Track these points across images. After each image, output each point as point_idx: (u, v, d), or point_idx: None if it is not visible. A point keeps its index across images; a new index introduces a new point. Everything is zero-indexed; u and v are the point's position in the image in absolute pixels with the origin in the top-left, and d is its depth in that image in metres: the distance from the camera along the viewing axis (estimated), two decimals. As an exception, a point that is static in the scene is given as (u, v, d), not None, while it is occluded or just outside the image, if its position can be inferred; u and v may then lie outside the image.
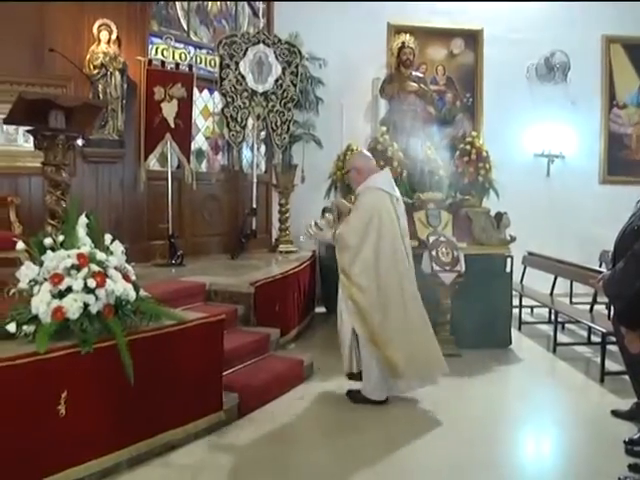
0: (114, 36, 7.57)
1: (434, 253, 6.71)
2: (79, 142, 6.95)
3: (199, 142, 9.30)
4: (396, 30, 9.83)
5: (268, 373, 5.65)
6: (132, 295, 4.10)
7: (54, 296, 3.81)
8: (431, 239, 6.84)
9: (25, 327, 3.79)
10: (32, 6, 7.14)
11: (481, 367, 6.50)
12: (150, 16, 8.43)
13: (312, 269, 8.57)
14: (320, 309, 8.78)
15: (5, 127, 6.88)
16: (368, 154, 5.87)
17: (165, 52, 8.19)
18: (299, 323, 7.56)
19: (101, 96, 7.39)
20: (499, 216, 7.47)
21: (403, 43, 8.87)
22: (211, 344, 4.71)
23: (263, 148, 9.95)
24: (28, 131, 4.66)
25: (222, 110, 8.77)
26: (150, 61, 8.07)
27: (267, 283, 6.81)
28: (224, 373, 4.93)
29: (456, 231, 7.17)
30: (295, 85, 8.97)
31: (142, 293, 4.32)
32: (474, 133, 8.18)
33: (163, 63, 8.18)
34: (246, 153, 9.66)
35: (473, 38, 10.68)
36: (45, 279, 3.88)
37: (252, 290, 6.50)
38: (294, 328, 7.30)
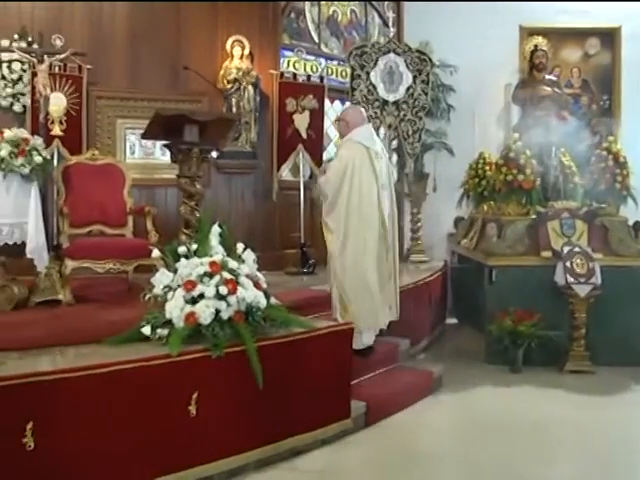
0: (247, 51, 7.83)
1: (568, 264, 6.44)
2: (214, 154, 7.22)
3: (331, 152, 9.38)
4: (528, 33, 9.48)
5: (396, 383, 5.61)
6: (263, 302, 4.19)
7: (187, 302, 3.95)
8: (565, 249, 6.57)
9: (159, 330, 3.96)
10: (170, 27, 7.59)
11: (618, 386, 6.08)
12: (281, 30, 8.63)
13: (443, 279, 8.45)
14: (451, 320, 8.65)
15: (144, 141, 7.27)
16: (362, 110, 6.01)
17: (297, 64, 8.39)
18: (429, 334, 7.47)
19: (234, 109, 7.65)
20: (638, 225, 7.08)
21: (535, 46, 8.52)
22: (339, 352, 4.71)
23: (395, 157, 9.92)
24: (164, 145, 4.89)
25: (354, 120, 8.82)
26: (282, 74, 8.26)
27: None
28: (352, 381, 4.92)
29: (592, 241, 6.80)
30: (426, 93, 8.87)
31: (273, 300, 4.40)
32: (611, 137, 7.78)
33: (295, 75, 8.36)
34: (378, 163, 9.66)
35: (610, 37, 10.12)
36: (179, 285, 4.04)
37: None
38: (424, 339, 7.22)
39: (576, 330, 6.48)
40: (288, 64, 8.48)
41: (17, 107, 7.11)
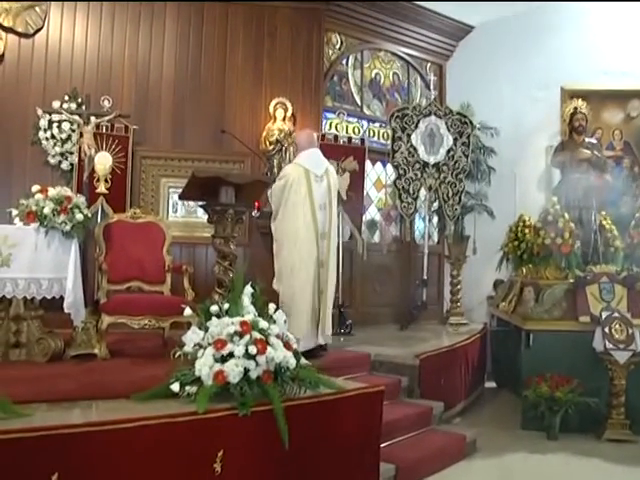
0: (289, 113, 8.03)
1: (607, 330, 6.31)
2: (254, 213, 7.34)
3: (372, 213, 9.50)
4: (570, 95, 9.44)
5: (428, 447, 5.52)
6: (292, 363, 4.17)
7: (217, 360, 3.96)
8: (604, 315, 6.44)
9: (188, 387, 3.97)
10: (215, 89, 7.96)
11: (660, 456, 5.91)
12: (324, 92, 8.84)
13: (482, 342, 8.35)
14: (490, 384, 8.51)
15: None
16: (313, 135, 6.57)
17: (339, 126, 8.51)
18: (466, 397, 7.35)
19: (276, 170, 7.77)
20: (679, 291, 6.92)
21: (575, 109, 8.53)
22: (370, 414, 4.66)
23: (435, 219, 9.96)
24: (200, 206, 5.01)
25: (394, 182, 8.87)
26: (324, 136, 8.43)
27: (433, 355, 6.71)
28: (383, 444, 4.86)
29: (631, 306, 6.65)
30: (467, 156, 8.94)
31: (303, 361, 4.40)
32: (654, 200, 7.73)
33: (336, 137, 8.49)
34: (418, 224, 9.72)
35: (652, 97, 10.06)
36: (209, 344, 4.06)
37: (417, 362, 6.43)
38: (460, 402, 7.11)
39: (615, 397, 6.31)
40: (330, 126, 8.66)
41: (65, 165, 7.40)
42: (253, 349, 3.97)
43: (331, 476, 4.39)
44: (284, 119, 8.02)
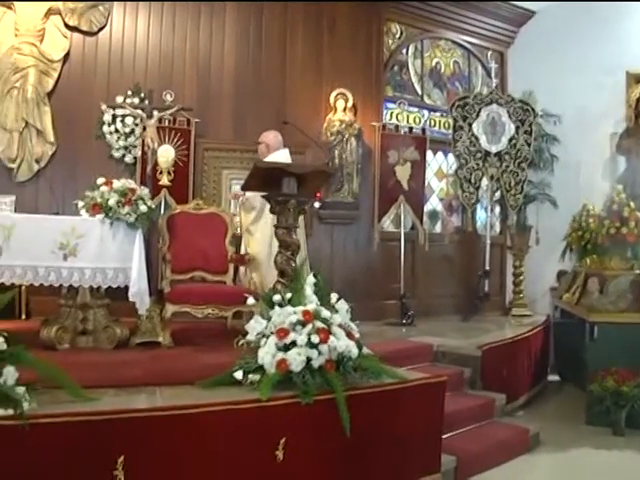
0: (350, 104, 8.03)
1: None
2: (316, 204, 7.37)
3: (433, 203, 9.44)
4: (635, 79, 9.15)
5: (489, 439, 5.47)
6: (354, 352, 4.19)
7: (279, 349, 4.02)
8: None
9: (251, 375, 4.04)
10: (275, 81, 8.03)
11: None
12: (385, 82, 8.82)
13: (546, 334, 8.20)
14: (553, 377, 8.37)
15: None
16: (279, 135, 6.64)
17: (399, 116, 8.49)
18: (529, 390, 7.24)
19: (337, 161, 7.81)
20: None
21: (641, 93, 8.32)
22: (431, 405, 4.66)
23: (497, 209, 9.83)
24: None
25: (456, 171, 8.84)
26: (384, 126, 8.42)
27: (496, 347, 6.65)
28: (444, 435, 4.83)
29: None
30: (529, 144, 8.79)
31: (365, 350, 4.40)
32: None
33: (397, 127, 8.47)
34: (480, 214, 9.61)
35: None
36: (272, 333, 4.12)
37: (479, 353, 6.37)
38: (523, 395, 7.00)
39: None
40: (391, 116, 8.64)
41: (128, 158, 7.53)
42: (316, 338, 4.01)
43: (392, 466, 4.40)
44: (345, 110, 8.04)
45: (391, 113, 8.78)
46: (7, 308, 3.66)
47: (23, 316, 6.78)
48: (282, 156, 6.34)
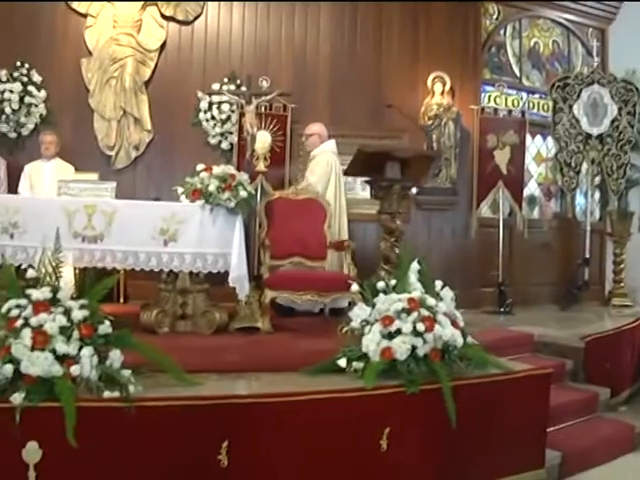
0: (447, 87, 7.91)
1: None
2: (413, 190, 7.27)
3: (531, 189, 9.19)
4: None
5: (594, 435, 5.24)
6: (459, 341, 4.09)
7: (384, 337, 3.95)
8: None
9: (355, 363, 3.99)
10: (371, 65, 7.97)
11: None
12: (482, 64, 8.62)
13: (650, 326, 7.86)
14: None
15: (344, 177, 7.42)
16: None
17: (497, 99, 8.29)
18: (631, 385, 6.94)
19: (435, 146, 7.72)
20: None
21: None
22: (536, 398, 4.49)
23: (597, 194, 9.48)
24: (366, 181, 4.97)
25: (555, 155, 8.60)
26: (483, 109, 8.26)
27: (598, 338, 6.37)
28: (548, 430, 4.63)
29: None
30: (632, 126, 8.40)
31: (469, 340, 4.30)
32: None
33: (496, 110, 8.31)
34: (580, 199, 9.29)
35: None
36: (376, 320, 4.05)
37: (582, 345, 6.13)
38: (626, 390, 6.66)
39: None
40: (489, 99, 8.45)
41: (225, 145, 7.61)
42: (421, 326, 3.92)
43: (496, 459, 4.28)
44: (442, 93, 7.90)
45: (489, 96, 8.57)
46: (107, 292, 3.70)
47: (121, 300, 6.97)
48: (332, 145, 6.74)
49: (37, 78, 7.54)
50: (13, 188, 6.97)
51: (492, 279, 8.05)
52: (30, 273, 3.58)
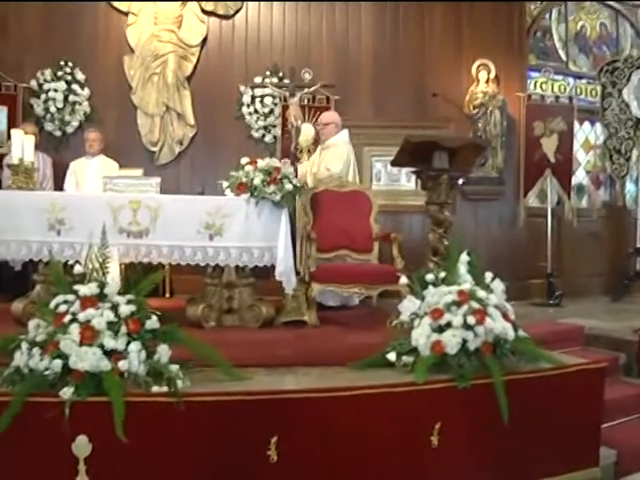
0: (492, 75, 7.81)
1: None
2: (459, 181, 7.16)
3: (579, 177, 9.02)
4: None
5: (651, 433, 5.07)
6: (511, 334, 4.00)
7: (434, 330, 3.88)
8: None
9: (404, 357, 3.92)
10: (415, 54, 7.91)
11: None
12: (528, 50, 8.48)
13: None
14: None
15: (389, 168, 7.39)
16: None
17: (544, 85, 8.16)
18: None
19: (481, 134, 7.59)
20: None
21: None
22: (590, 393, 4.34)
23: (646, 183, 9.26)
24: (413, 172, 4.90)
25: (604, 142, 8.44)
26: (529, 96, 8.12)
27: (652, 331, 6.22)
28: (602, 425, 4.49)
29: None
30: (685, 109, 8.20)
31: (521, 333, 4.20)
32: None
33: (542, 97, 8.18)
34: (630, 187, 9.08)
35: None
36: (426, 313, 3.98)
37: (636, 338, 5.92)
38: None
39: None
40: (535, 85, 8.30)
41: (268, 138, 7.60)
42: (472, 319, 3.84)
43: (549, 457, 4.16)
44: (487, 81, 7.79)
45: (535, 82, 8.42)
46: (152, 287, 3.70)
47: (167, 294, 7.01)
48: (346, 135, 6.57)
49: (80, 76, 7.63)
50: (59, 185, 7.06)
51: (540, 270, 7.89)
52: (77, 269, 3.58)
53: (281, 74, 7.57)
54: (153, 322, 3.47)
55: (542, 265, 7.87)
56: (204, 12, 7.81)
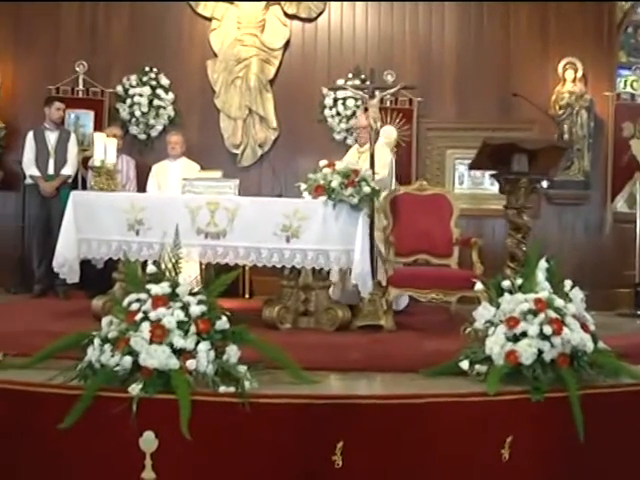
0: (579, 74, 7.61)
1: None
2: (544, 184, 7.01)
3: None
4: None
5: None
6: (589, 346, 3.84)
7: (508, 339, 3.78)
8: None
9: (477, 366, 3.84)
10: (499, 54, 7.82)
11: None
12: (618, 47, 8.15)
13: None
14: None
15: (472, 171, 7.27)
16: None
17: (635, 84, 7.87)
18: None
19: (567, 136, 7.45)
20: None
21: None
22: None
23: None
24: (492, 175, 4.80)
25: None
26: (618, 95, 7.86)
27: None
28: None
29: None
30: None
31: (601, 345, 4.04)
32: None
33: (632, 96, 7.89)
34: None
35: None
36: (501, 321, 3.88)
37: None
38: None
39: None
40: (625, 84, 7.98)
41: (350, 141, 7.62)
42: (548, 329, 3.72)
43: (628, 478, 3.95)
44: (574, 80, 7.57)
45: (625, 81, 8.10)
46: (232, 287, 3.81)
47: (247, 295, 7.13)
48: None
49: (165, 81, 7.86)
50: (142, 187, 7.25)
51: (628, 279, 7.56)
52: (150, 268, 3.65)
53: (363, 76, 7.56)
54: (223, 323, 3.50)
55: (630, 274, 7.56)
56: (286, 15, 7.92)
